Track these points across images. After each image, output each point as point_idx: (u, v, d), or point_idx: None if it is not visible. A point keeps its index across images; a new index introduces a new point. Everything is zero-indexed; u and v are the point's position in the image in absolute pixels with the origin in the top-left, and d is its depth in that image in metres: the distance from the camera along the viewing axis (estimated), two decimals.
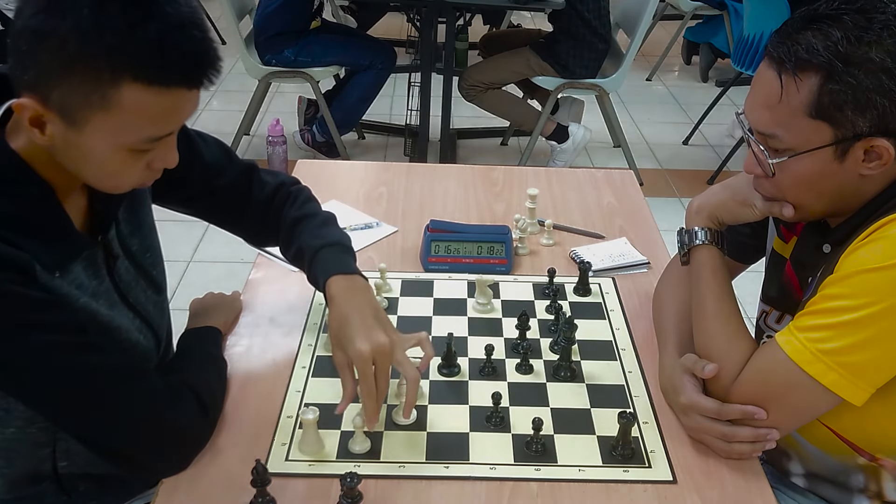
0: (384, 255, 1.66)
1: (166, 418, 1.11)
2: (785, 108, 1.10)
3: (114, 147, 0.99)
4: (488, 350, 1.33)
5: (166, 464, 1.13)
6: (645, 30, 3.82)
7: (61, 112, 0.95)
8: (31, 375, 1.02)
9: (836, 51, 1.05)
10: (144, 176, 1.06)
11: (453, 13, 3.82)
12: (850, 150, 1.10)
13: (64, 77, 0.93)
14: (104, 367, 1.07)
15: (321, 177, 1.98)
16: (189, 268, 3.16)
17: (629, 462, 1.17)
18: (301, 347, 1.39)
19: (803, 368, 1.10)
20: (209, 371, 1.25)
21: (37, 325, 0.99)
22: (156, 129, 0.99)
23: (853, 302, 1.09)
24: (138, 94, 0.94)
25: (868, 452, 1.23)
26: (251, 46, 3.91)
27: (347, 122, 4.14)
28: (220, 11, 3.99)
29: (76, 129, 0.96)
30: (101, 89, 0.93)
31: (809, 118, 1.09)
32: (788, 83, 1.09)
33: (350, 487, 1.06)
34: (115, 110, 0.94)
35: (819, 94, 1.07)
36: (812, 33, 1.08)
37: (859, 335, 1.08)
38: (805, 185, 1.15)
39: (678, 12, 5.49)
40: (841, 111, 1.07)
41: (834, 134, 1.09)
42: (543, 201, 1.84)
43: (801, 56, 1.07)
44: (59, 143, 0.98)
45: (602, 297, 1.55)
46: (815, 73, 1.07)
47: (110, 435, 1.09)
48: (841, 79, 1.05)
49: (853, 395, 1.10)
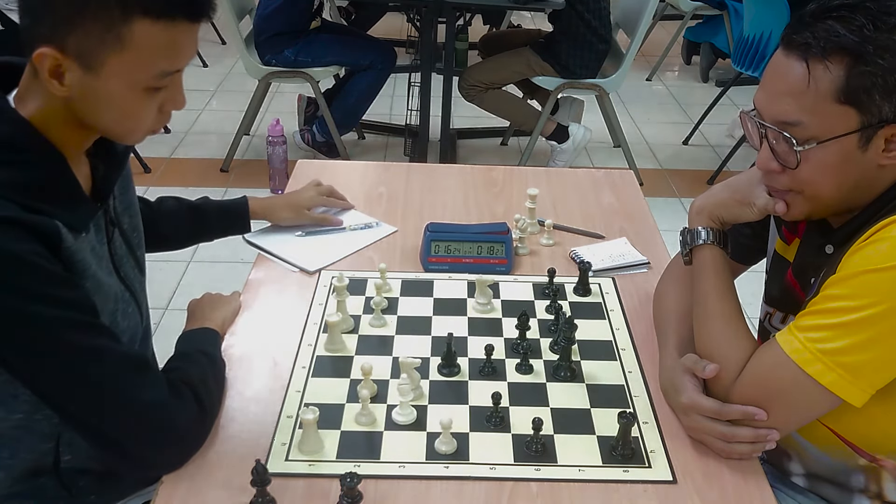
0: (384, 255, 1.66)
1: (167, 413, 1.11)
2: (812, 94, 1.09)
3: (130, 86, 1.05)
4: (488, 350, 1.33)
5: (162, 459, 1.13)
6: (645, 30, 3.83)
7: (79, 57, 1.02)
8: (40, 349, 1.04)
9: (863, 34, 1.05)
10: (157, 120, 1.12)
11: (453, 13, 3.82)
12: (873, 138, 1.09)
13: (78, 21, 1.00)
14: (111, 352, 1.09)
15: (321, 177, 1.98)
16: (189, 268, 3.16)
17: (629, 462, 1.17)
18: (301, 347, 1.39)
19: (803, 368, 1.10)
20: (207, 372, 1.25)
21: (53, 300, 1.03)
22: (166, 62, 1.06)
23: (854, 302, 1.09)
24: (148, 29, 1.02)
25: (868, 453, 1.23)
26: (251, 46, 3.91)
27: (347, 122, 4.14)
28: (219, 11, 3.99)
29: (94, 72, 1.03)
30: (114, 28, 1.00)
31: (837, 103, 1.08)
32: (816, 68, 1.08)
33: (350, 487, 1.06)
34: (129, 47, 1.02)
35: (848, 76, 1.06)
36: (832, 22, 1.07)
37: (860, 336, 1.08)
38: (826, 175, 1.13)
39: (678, 12, 5.49)
40: (869, 95, 1.07)
41: (860, 120, 1.08)
42: (543, 201, 1.84)
43: (831, 39, 1.06)
44: (77, 92, 1.05)
45: (602, 297, 1.55)
46: (846, 55, 1.06)
47: (110, 421, 1.08)
48: (871, 61, 1.05)
49: (853, 395, 1.10)
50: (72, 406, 1.08)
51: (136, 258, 1.32)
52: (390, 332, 1.44)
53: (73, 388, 1.06)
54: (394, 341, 1.42)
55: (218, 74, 5.12)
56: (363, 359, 1.35)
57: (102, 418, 1.09)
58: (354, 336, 1.43)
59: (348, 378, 1.32)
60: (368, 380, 1.26)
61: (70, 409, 1.09)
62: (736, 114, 4.54)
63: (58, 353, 1.05)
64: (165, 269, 3.09)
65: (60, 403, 1.09)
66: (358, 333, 1.43)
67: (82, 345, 1.06)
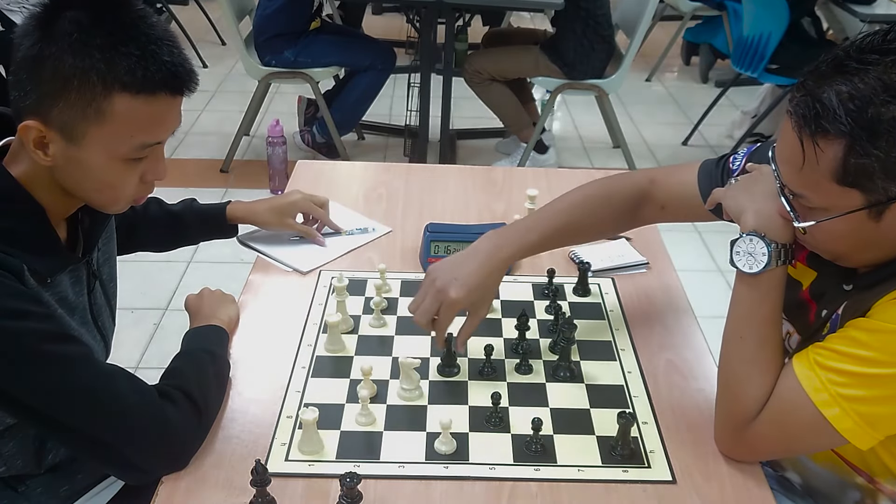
0: (384, 256, 1.66)
1: (157, 415, 1.11)
2: (809, 173, 1.02)
3: (110, 157, 1.09)
4: (488, 350, 1.33)
5: (156, 463, 1.13)
6: (644, 30, 3.83)
7: (61, 129, 1.06)
8: (20, 362, 1.03)
9: (860, 117, 0.96)
10: (139, 189, 1.16)
11: (453, 14, 3.82)
12: (885, 211, 1.01)
13: (63, 95, 1.04)
14: (92, 359, 1.10)
15: (321, 177, 1.98)
16: (189, 268, 3.16)
17: (628, 462, 1.17)
18: (301, 347, 1.39)
19: (820, 410, 1.07)
20: (208, 372, 1.25)
21: (26, 314, 1.04)
22: (146, 135, 1.10)
23: (881, 357, 1.04)
24: (128, 104, 1.05)
25: (867, 473, 1.22)
26: (251, 47, 3.91)
27: (347, 123, 4.14)
28: (219, 12, 4.00)
29: (75, 144, 1.07)
30: (95, 102, 1.04)
31: (836, 184, 1.00)
32: (809, 149, 1.00)
33: (350, 487, 1.06)
34: (109, 121, 1.06)
35: (844, 163, 0.98)
36: (836, 90, 0.97)
37: (882, 391, 1.05)
38: (840, 242, 1.08)
39: (677, 13, 5.49)
40: (870, 179, 0.99)
41: (866, 199, 1.01)
42: (543, 201, 1.83)
43: (821, 123, 0.98)
44: (60, 162, 1.09)
45: (601, 298, 1.55)
46: (837, 142, 0.98)
47: (100, 427, 1.08)
48: (865, 150, 0.96)
49: (863, 441, 1.07)
50: (57, 415, 1.06)
51: (111, 308, 1.37)
52: (390, 332, 1.44)
53: (58, 398, 1.05)
54: (393, 341, 1.42)
55: (218, 75, 5.12)
56: (363, 359, 1.35)
57: (90, 425, 1.08)
58: (354, 336, 1.43)
59: (348, 378, 1.33)
60: (368, 380, 1.26)
61: (55, 419, 1.07)
62: (735, 114, 4.56)
63: (35, 364, 1.04)
64: (165, 269, 3.09)
65: (48, 416, 1.06)
66: (358, 334, 1.43)
67: (62, 353, 1.06)
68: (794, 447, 1.16)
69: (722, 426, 1.19)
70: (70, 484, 1.31)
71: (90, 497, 1.34)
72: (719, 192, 1.23)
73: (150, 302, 2.96)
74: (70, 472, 1.30)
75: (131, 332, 2.75)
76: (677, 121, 4.86)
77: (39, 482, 1.27)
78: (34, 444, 1.23)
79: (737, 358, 1.16)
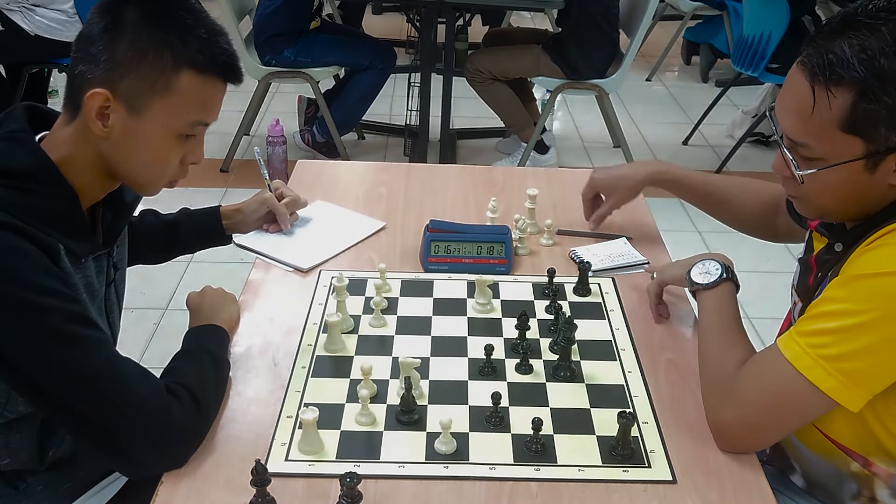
0: (384, 256, 1.66)
1: (162, 408, 1.12)
2: (817, 121, 1.08)
3: (166, 130, 1.17)
4: (488, 350, 1.33)
5: (157, 458, 1.13)
6: (645, 30, 3.82)
7: (127, 99, 1.14)
8: (38, 337, 1.06)
9: (872, 66, 1.03)
10: (178, 171, 1.24)
11: (453, 13, 3.82)
12: (881, 163, 1.09)
13: (135, 67, 1.13)
14: (107, 345, 1.13)
15: (321, 177, 1.98)
16: (189, 268, 3.16)
17: (629, 462, 1.17)
18: (301, 347, 1.39)
19: (802, 373, 1.10)
20: (209, 371, 1.25)
21: (51, 291, 1.08)
22: (200, 114, 1.19)
23: (853, 307, 1.08)
24: (192, 81, 1.15)
25: (861, 455, 1.23)
26: (251, 47, 3.91)
27: (347, 123, 4.14)
28: (219, 12, 3.99)
29: (137, 115, 1.15)
30: (164, 75, 1.14)
31: (842, 132, 1.07)
32: (821, 96, 1.07)
33: (350, 487, 1.06)
34: (173, 94, 1.15)
35: (853, 110, 1.05)
36: (848, 42, 1.05)
37: (859, 342, 1.08)
38: (832, 193, 1.14)
39: (678, 12, 5.50)
40: (874, 127, 1.06)
41: (866, 148, 1.08)
42: (543, 202, 1.84)
43: (835, 70, 1.05)
44: (116, 133, 1.15)
45: (602, 297, 1.55)
46: (849, 89, 1.05)
47: (105, 413, 1.09)
48: (876, 97, 1.03)
49: (851, 401, 1.10)
50: (66, 396, 1.09)
51: (119, 307, 1.40)
52: (390, 332, 1.44)
53: (69, 378, 1.08)
54: (393, 341, 1.42)
55: None
56: (363, 359, 1.35)
57: (97, 410, 1.09)
58: (354, 336, 1.43)
59: (348, 378, 1.32)
60: (368, 380, 1.26)
61: (64, 400, 1.09)
62: (736, 114, 4.56)
63: (55, 342, 1.07)
64: (165, 269, 3.06)
65: (55, 394, 1.09)
66: (358, 333, 1.43)
67: (82, 334, 1.10)
68: (785, 419, 1.16)
69: (708, 397, 1.22)
70: (71, 482, 1.31)
71: (91, 495, 1.34)
72: (659, 273, 1.47)
73: (150, 302, 2.96)
74: (71, 470, 1.31)
75: (131, 332, 2.74)
76: (677, 120, 4.86)
77: (40, 480, 1.27)
78: (38, 440, 1.24)
79: (710, 351, 1.27)
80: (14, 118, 1.18)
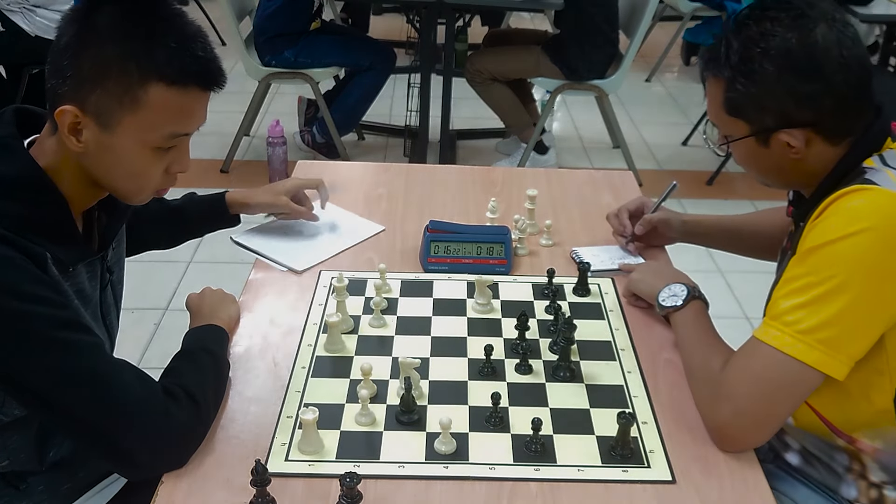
0: (384, 256, 1.66)
1: (160, 409, 1.11)
2: (713, 106, 1.28)
3: (140, 145, 1.13)
4: (488, 350, 1.33)
5: (156, 458, 1.13)
6: (644, 31, 3.82)
7: (97, 115, 1.10)
8: (30, 346, 1.05)
9: (735, 62, 1.20)
10: (164, 181, 1.21)
11: (453, 14, 3.82)
12: (770, 141, 1.23)
13: (100, 82, 1.08)
14: (101, 349, 1.12)
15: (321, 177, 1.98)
16: (189, 268, 3.16)
17: (628, 462, 1.18)
18: (301, 347, 1.39)
19: (785, 352, 1.14)
20: (209, 371, 1.25)
21: (42, 300, 1.07)
22: (176, 125, 1.14)
23: (815, 278, 1.14)
24: (162, 93, 1.10)
25: (846, 434, 1.26)
26: (251, 47, 3.92)
27: (347, 123, 4.14)
28: (219, 12, 3.99)
29: (109, 131, 1.11)
30: (131, 90, 1.09)
31: (728, 115, 1.25)
32: (709, 86, 1.27)
33: (350, 487, 1.06)
34: (143, 109, 1.10)
35: (726, 98, 1.23)
36: (727, 39, 1.22)
37: (830, 309, 1.12)
38: (749, 164, 1.30)
39: (677, 13, 5.49)
40: (745, 111, 1.23)
41: (749, 128, 1.24)
42: (543, 202, 1.84)
43: (709, 66, 1.26)
44: (92, 148, 1.12)
45: (601, 298, 1.55)
46: (718, 81, 1.24)
47: (103, 417, 1.09)
48: (735, 88, 1.21)
49: (835, 369, 1.14)
50: (61, 402, 1.08)
51: (118, 308, 1.38)
52: (390, 332, 1.44)
53: (65, 383, 1.07)
54: (393, 342, 1.42)
55: None
56: (363, 359, 1.35)
57: (94, 414, 1.09)
58: (354, 336, 1.43)
59: (348, 378, 1.33)
60: (368, 380, 1.26)
61: (60, 406, 1.08)
62: None
63: (47, 349, 1.06)
64: (165, 269, 3.09)
65: (50, 400, 1.08)
66: (358, 334, 1.44)
67: (73, 340, 1.09)
68: (780, 402, 1.16)
69: (701, 403, 1.24)
70: (71, 482, 1.31)
71: (91, 496, 1.34)
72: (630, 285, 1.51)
73: (150, 302, 2.96)
74: (71, 471, 1.31)
75: (131, 332, 2.74)
76: (677, 121, 4.86)
77: (40, 480, 1.27)
78: (36, 441, 1.23)
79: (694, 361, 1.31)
80: (2, 123, 1.16)
